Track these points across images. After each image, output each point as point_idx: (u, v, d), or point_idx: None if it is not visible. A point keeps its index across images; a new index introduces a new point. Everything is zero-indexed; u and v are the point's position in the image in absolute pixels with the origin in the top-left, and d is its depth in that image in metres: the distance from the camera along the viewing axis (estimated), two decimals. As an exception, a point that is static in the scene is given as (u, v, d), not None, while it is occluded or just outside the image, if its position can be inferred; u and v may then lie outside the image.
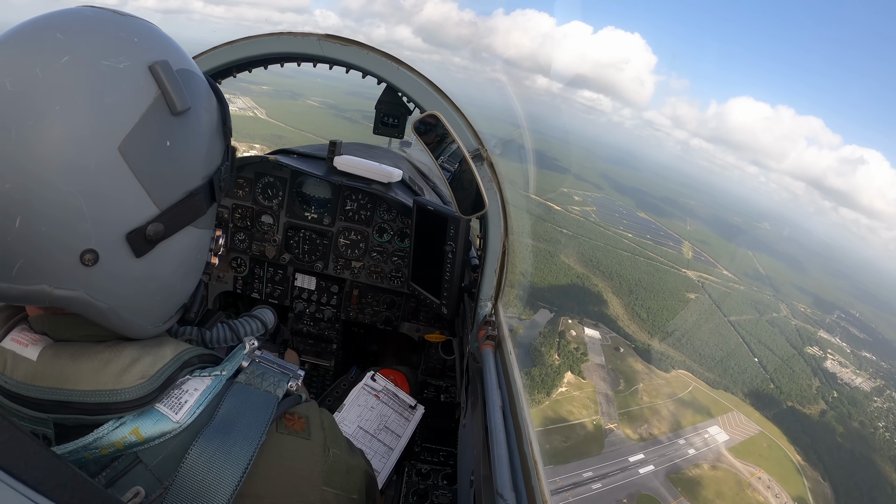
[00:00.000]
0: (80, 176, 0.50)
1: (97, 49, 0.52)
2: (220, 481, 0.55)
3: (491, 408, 1.21)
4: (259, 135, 62.86)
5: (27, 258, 0.51)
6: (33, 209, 0.49)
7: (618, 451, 34.09)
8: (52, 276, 0.53)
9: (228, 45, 1.54)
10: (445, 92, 1.52)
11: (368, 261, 2.20)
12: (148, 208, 0.56)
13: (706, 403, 41.92)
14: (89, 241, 0.52)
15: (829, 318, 64.39)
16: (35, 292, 0.53)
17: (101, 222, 0.53)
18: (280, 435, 0.64)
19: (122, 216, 0.54)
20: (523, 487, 0.97)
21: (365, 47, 1.51)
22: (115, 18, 0.57)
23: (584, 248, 62.03)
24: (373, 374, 1.63)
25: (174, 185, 0.59)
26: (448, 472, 1.59)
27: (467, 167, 1.43)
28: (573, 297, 50.03)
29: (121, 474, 0.55)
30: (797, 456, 38.60)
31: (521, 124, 1.74)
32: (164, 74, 0.55)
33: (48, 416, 0.57)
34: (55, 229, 0.51)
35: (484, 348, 1.49)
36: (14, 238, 0.50)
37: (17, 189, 0.48)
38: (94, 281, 0.55)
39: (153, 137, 0.55)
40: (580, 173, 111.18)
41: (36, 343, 0.59)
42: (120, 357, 0.59)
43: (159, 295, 0.64)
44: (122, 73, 0.53)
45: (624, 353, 44.46)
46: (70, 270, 0.53)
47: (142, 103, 0.54)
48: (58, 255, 0.52)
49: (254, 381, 0.67)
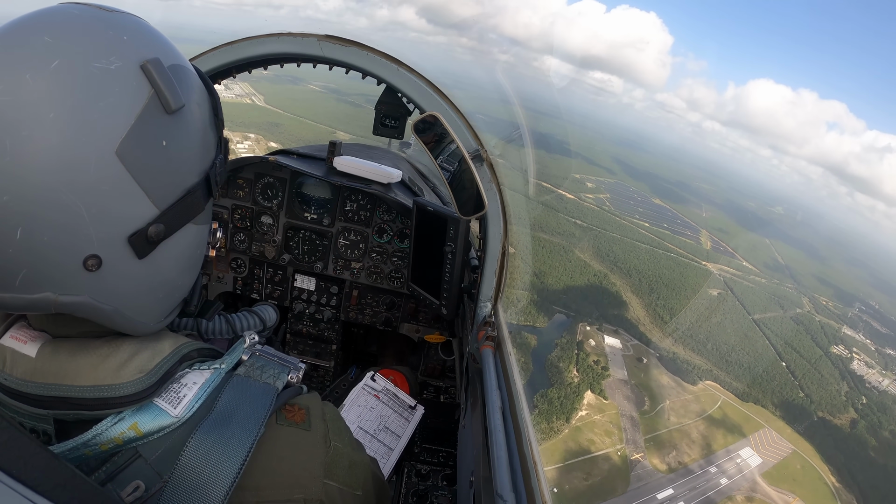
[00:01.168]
0: (79, 183, 0.50)
1: (87, 50, 0.51)
2: (218, 474, 0.55)
3: (491, 408, 1.20)
4: (255, 123, 59.29)
5: (30, 268, 0.51)
6: (34, 219, 0.49)
7: (645, 486, 30.89)
8: (56, 283, 0.53)
9: (228, 46, 1.55)
10: (446, 93, 1.53)
11: (368, 261, 2.20)
12: (148, 210, 0.56)
13: (737, 421, 38.99)
14: (92, 246, 0.53)
15: (852, 312, 61.62)
16: (40, 301, 0.53)
17: (102, 227, 0.53)
18: (279, 426, 0.64)
19: (122, 220, 0.54)
20: (523, 488, 0.96)
21: (365, 48, 1.52)
22: (103, 16, 0.55)
23: (599, 241, 58.49)
24: (372, 374, 1.62)
25: (172, 185, 0.59)
26: (448, 472, 1.56)
27: (467, 168, 1.43)
28: (591, 299, 46.53)
29: (120, 469, 0.55)
30: (831, 477, 36.02)
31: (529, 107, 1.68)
32: (156, 73, 0.54)
33: (48, 412, 0.57)
34: (57, 238, 0.51)
35: (483, 349, 1.48)
36: (16, 249, 0.49)
37: (16, 200, 0.48)
38: (98, 285, 0.55)
39: (149, 138, 0.54)
40: (591, 157, 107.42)
41: (35, 340, 0.59)
42: (118, 352, 0.59)
43: (162, 292, 0.65)
44: (114, 74, 0.52)
45: (647, 365, 40.74)
46: (74, 277, 0.53)
47: (136, 104, 0.53)
48: (61, 263, 0.52)
49: (253, 374, 0.66)
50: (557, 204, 62.01)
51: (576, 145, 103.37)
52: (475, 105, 1.62)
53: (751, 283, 61.02)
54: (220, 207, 2.18)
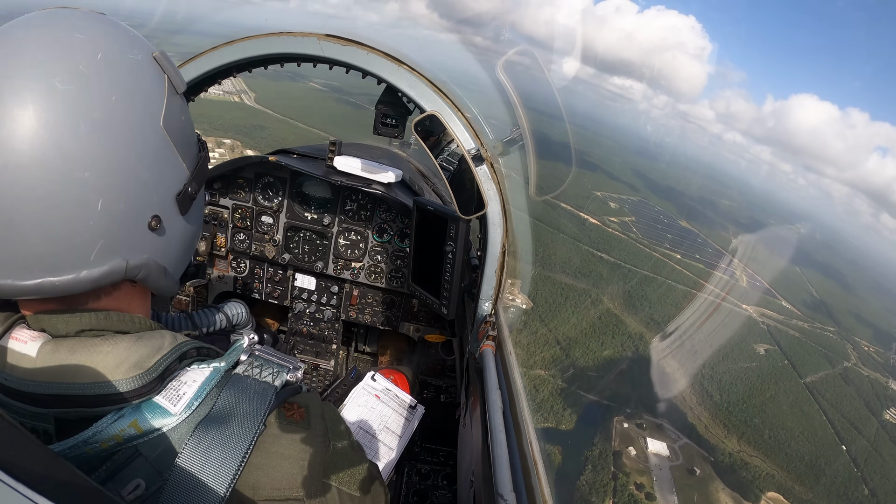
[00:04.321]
0: (142, 152, 0.59)
1: (119, 45, 0.59)
2: (217, 471, 0.55)
3: (491, 408, 1.21)
4: (235, 126, 49.07)
5: (108, 236, 0.57)
6: (111, 190, 0.56)
7: None
8: (127, 247, 0.60)
9: (228, 45, 1.54)
10: (447, 92, 1.52)
11: (368, 261, 2.20)
12: (183, 172, 0.67)
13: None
14: (154, 208, 0.62)
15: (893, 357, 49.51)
16: (113, 270, 0.58)
17: (160, 190, 0.62)
18: (279, 424, 0.64)
19: (171, 181, 0.64)
20: (523, 488, 0.96)
21: (365, 47, 1.52)
22: (107, 18, 0.62)
23: (631, 283, 46.14)
24: (373, 374, 1.62)
25: (193, 150, 0.70)
26: (448, 472, 1.56)
27: (467, 167, 1.42)
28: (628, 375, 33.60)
29: (121, 467, 0.55)
30: None
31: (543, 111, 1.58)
32: (166, 62, 0.64)
33: (49, 410, 0.57)
34: (131, 203, 0.59)
35: (484, 348, 1.48)
36: (97, 221, 0.55)
37: (95, 174, 0.54)
38: (157, 244, 0.64)
39: (176, 113, 0.64)
40: (612, 170, 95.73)
41: (35, 339, 0.60)
42: (118, 349, 0.60)
43: (186, 250, 0.73)
44: (142, 63, 0.61)
45: (702, 478, 28.07)
46: (141, 238, 0.61)
47: (162, 87, 0.63)
48: (134, 226, 0.60)
49: (252, 373, 0.67)
50: (580, 232, 52.57)
51: (596, 156, 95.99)
52: (488, 108, 1.58)
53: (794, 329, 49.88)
54: (221, 207, 2.17)
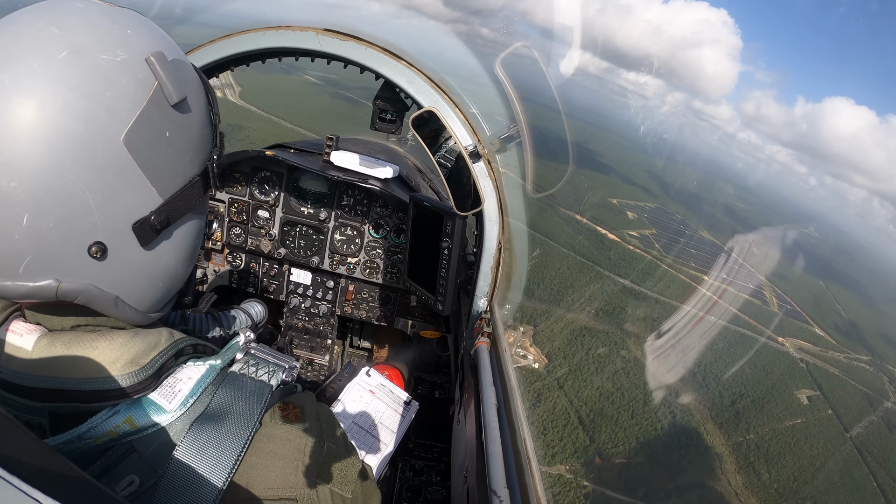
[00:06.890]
0: (86, 170, 0.51)
1: (94, 43, 0.52)
2: (212, 470, 0.55)
3: (485, 404, 1.21)
4: None
5: (35, 254, 0.52)
6: (41, 205, 0.50)
7: None
8: (60, 270, 0.54)
9: (225, 39, 1.53)
10: (445, 88, 1.51)
11: (364, 256, 2.19)
12: (152, 199, 0.58)
13: None
14: (97, 233, 0.54)
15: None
16: (43, 288, 0.53)
17: (108, 215, 0.54)
18: (274, 424, 0.64)
19: (128, 207, 0.56)
20: (517, 484, 0.96)
21: (363, 42, 1.51)
22: (107, 10, 0.56)
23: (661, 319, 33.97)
24: (368, 369, 1.62)
25: (175, 175, 0.61)
26: (442, 468, 1.57)
27: (464, 164, 1.42)
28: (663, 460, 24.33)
29: (115, 463, 0.55)
30: None
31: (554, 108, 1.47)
32: (160, 66, 0.56)
33: (43, 405, 0.57)
34: (63, 224, 0.51)
35: (479, 345, 1.48)
36: (22, 235, 0.50)
37: (23, 187, 0.49)
38: (101, 272, 0.56)
39: (154, 129, 0.56)
40: (627, 173, 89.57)
41: (31, 333, 0.59)
42: (114, 345, 0.59)
43: (161, 282, 0.66)
44: (120, 65, 0.53)
45: None
46: (78, 263, 0.54)
47: (141, 95, 0.55)
48: (66, 249, 0.53)
49: (248, 371, 0.67)
50: (597, 250, 43.95)
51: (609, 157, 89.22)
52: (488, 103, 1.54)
53: (831, 364, 41.70)
54: (217, 201, 2.16)
